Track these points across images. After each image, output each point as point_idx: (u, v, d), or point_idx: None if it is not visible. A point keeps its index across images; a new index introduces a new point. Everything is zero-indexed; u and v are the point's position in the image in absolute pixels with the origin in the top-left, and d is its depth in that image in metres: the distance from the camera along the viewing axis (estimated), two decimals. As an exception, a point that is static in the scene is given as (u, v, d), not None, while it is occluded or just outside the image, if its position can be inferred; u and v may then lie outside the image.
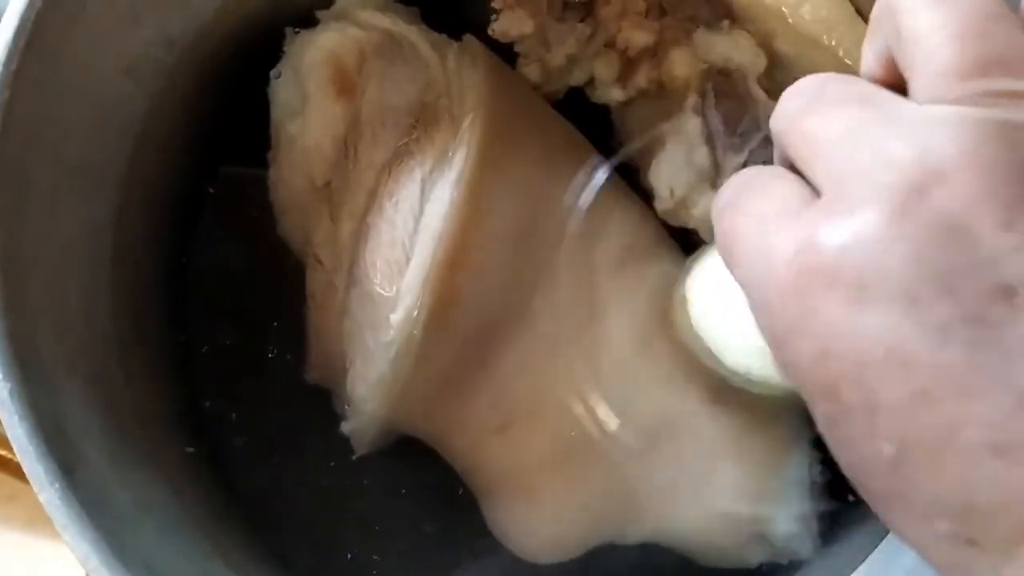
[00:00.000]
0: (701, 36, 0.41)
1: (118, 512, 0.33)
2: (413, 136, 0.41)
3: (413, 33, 0.43)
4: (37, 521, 0.51)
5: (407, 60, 0.42)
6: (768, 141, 0.41)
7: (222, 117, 0.46)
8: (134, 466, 0.36)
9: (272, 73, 0.43)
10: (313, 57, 0.42)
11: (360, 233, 0.41)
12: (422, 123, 0.41)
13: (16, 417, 0.31)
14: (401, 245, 0.39)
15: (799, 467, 0.42)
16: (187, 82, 0.43)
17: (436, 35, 0.43)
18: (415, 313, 0.38)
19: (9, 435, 0.31)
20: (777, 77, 0.42)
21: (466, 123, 0.40)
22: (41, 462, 0.31)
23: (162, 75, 0.42)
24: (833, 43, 0.39)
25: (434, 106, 0.41)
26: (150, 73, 0.41)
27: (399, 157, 0.41)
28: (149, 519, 0.35)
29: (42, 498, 0.31)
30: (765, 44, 0.41)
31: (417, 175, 0.40)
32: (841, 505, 0.43)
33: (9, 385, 0.32)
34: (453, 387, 0.41)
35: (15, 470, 0.48)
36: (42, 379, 0.33)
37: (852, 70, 0.39)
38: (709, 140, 0.41)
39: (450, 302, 0.39)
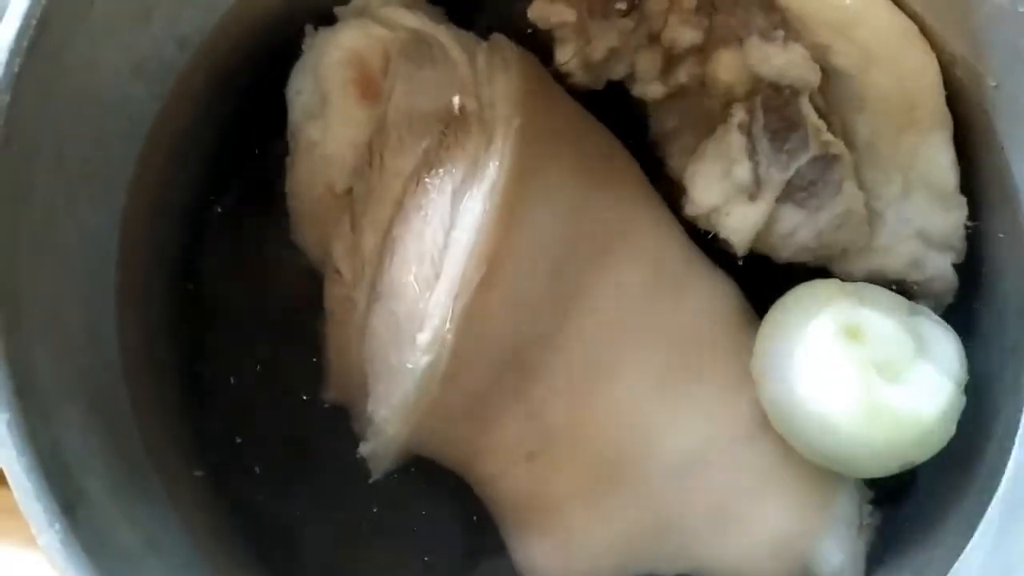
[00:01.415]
0: (755, 46, 0.39)
1: (123, 552, 0.31)
2: (443, 143, 0.38)
3: (441, 32, 0.40)
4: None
5: (435, 62, 0.40)
6: (816, 160, 0.39)
7: (237, 120, 0.44)
8: (140, 499, 0.34)
9: (291, 74, 0.40)
10: (334, 57, 0.40)
11: (384, 246, 0.38)
12: (452, 129, 0.39)
13: (15, 452, 0.29)
14: (430, 260, 0.37)
15: (848, 504, 0.40)
16: (199, 83, 0.41)
17: (464, 34, 0.41)
18: (444, 333, 0.36)
19: (7, 472, 0.29)
20: (831, 94, 0.39)
21: (499, 131, 0.37)
22: (40, 500, 0.29)
23: (172, 76, 0.39)
24: (894, 61, 0.37)
25: (464, 111, 0.39)
26: (160, 74, 0.39)
27: (428, 165, 0.38)
28: (157, 558, 0.33)
29: (41, 542, 0.28)
30: (820, 59, 0.38)
31: (447, 185, 0.37)
32: (890, 549, 0.41)
33: (7, 416, 0.29)
34: (481, 411, 0.39)
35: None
36: (40, 407, 0.30)
37: (913, 90, 0.37)
38: (753, 155, 0.39)
39: (482, 322, 0.36)
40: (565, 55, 0.41)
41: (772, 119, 0.39)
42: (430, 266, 0.37)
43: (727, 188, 0.40)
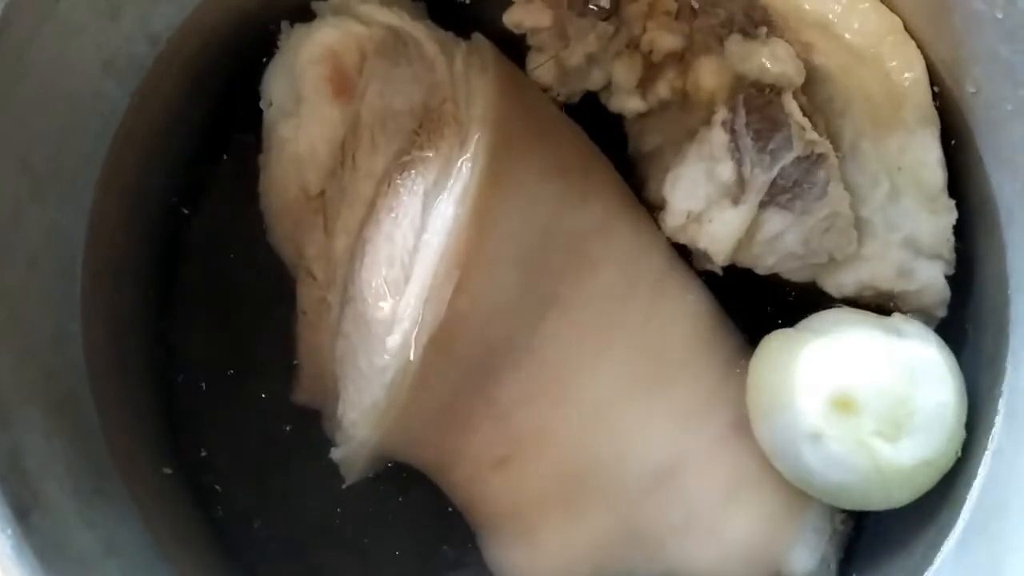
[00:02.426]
0: (736, 44, 0.38)
1: (80, 557, 0.30)
2: (416, 144, 0.38)
3: (419, 30, 0.40)
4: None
5: (411, 60, 0.39)
6: (800, 160, 0.38)
7: (210, 118, 0.43)
8: (102, 502, 0.34)
9: (266, 71, 0.40)
10: (309, 54, 0.39)
11: (356, 248, 0.38)
12: (425, 130, 0.38)
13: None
14: (400, 263, 0.37)
15: (820, 511, 0.40)
16: (171, 80, 0.40)
17: (443, 33, 0.40)
18: (413, 336, 0.36)
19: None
20: (815, 94, 0.39)
21: (473, 133, 0.37)
22: (-7, 508, 0.28)
23: (143, 72, 0.39)
24: (880, 58, 0.37)
25: (439, 112, 0.38)
26: (131, 70, 0.38)
27: (400, 167, 0.38)
28: (116, 561, 0.32)
29: (-8, 547, 0.28)
30: (803, 57, 0.38)
31: (419, 188, 0.37)
32: (863, 557, 0.41)
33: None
34: (451, 416, 0.38)
35: None
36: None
37: (899, 88, 0.37)
38: (736, 155, 0.38)
39: (451, 326, 0.36)
40: (536, 63, 0.41)
41: (755, 118, 0.38)
42: (400, 269, 0.37)
43: (709, 192, 0.39)
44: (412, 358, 0.36)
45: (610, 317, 0.39)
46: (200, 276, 0.44)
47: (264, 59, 0.40)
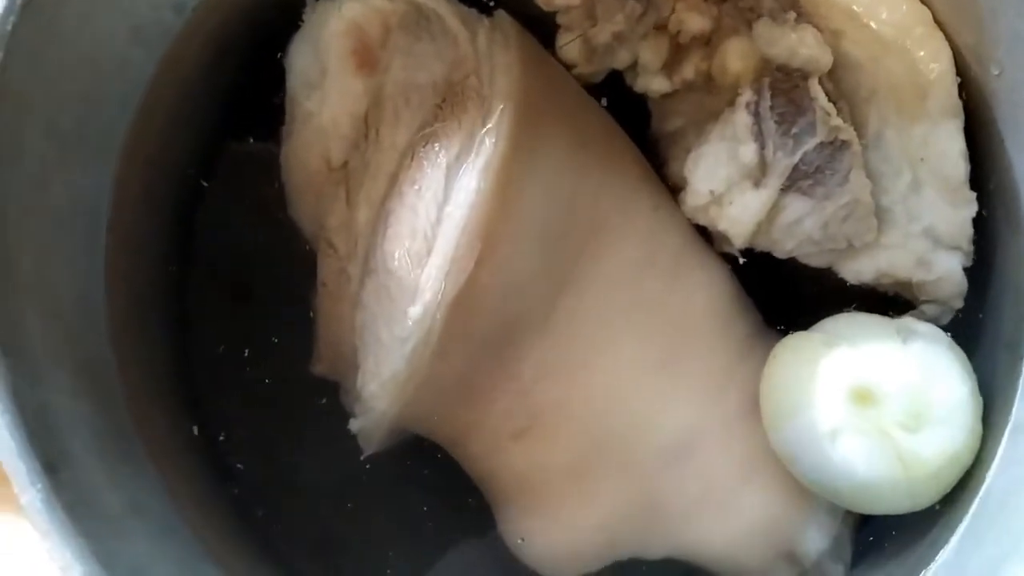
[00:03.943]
0: (764, 27, 0.38)
1: (106, 515, 0.31)
2: (439, 118, 0.38)
3: (442, 6, 0.40)
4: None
5: (434, 35, 0.39)
6: (824, 146, 0.38)
7: (235, 89, 0.43)
8: (125, 463, 0.34)
9: (290, 44, 0.40)
10: (334, 28, 0.39)
11: (378, 220, 0.38)
12: (448, 104, 0.38)
13: (-1, 408, 0.28)
14: (423, 235, 0.37)
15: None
16: (198, 50, 0.40)
17: (466, 9, 0.40)
18: (435, 308, 0.36)
19: (-13, 427, 0.28)
20: (842, 81, 0.39)
21: (496, 107, 0.37)
22: (23, 459, 0.28)
23: (170, 40, 0.39)
24: (909, 49, 0.37)
25: (462, 86, 0.38)
26: (158, 38, 0.38)
27: (423, 140, 0.38)
28: (139, 522, 0.33)
29: (23, 500, 0.28)
30: (831, 44, 0.38)
31: (442, 160, 0.37)
32: (875, 539, 0.41)
33: (-8, 375, 0.29)
34: (470, 388, 0.38)
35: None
36: (27, 367, 0.30)
37: (926, 79, 0.37)
38: (759, 138, 0.38)
39: (472, 298, 0.36)
40: (565, 41, 0.41)
41: (780, 101, 0.38)
42: (423, 241, 0.37)
43: (731, 173, 0.39)
44: (433, 329, 0.36)
45: (629, 292, 0.39)
46: (220, 248, 0.44)
47: (288, 31, 0.40)
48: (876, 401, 0.36)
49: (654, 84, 0.41)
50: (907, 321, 0.39)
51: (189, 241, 0.43)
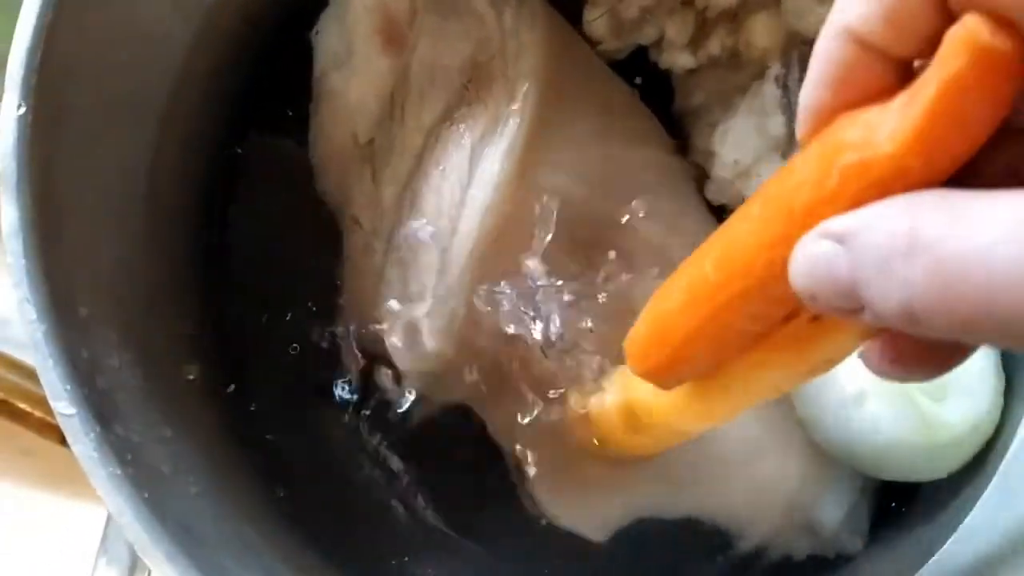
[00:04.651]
0: (793, 1, 0.38)
1: (154, 468, 0.31)
2: (464, 99, 0.38)
3: None
4: (54, 477, 0.50)
5: (461, 15, 0.40)
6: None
7: (267, 61, 0.44)
8: (167, 424, 0.34)
9: (317, 22, 0.41)
10: (361, 5, 0.40)
11: (403, 198, 0.39)
12: (474, 84, 0.39)
13: (50, 361, 0.29)
14: (447, 216, 0.37)
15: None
16: (230, 22, 0.41)
17: None
18: (458, 289, 0.37)
19: (43, 380, 0.29)
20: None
21: (521, 89, 0.37)
22: (76, 409, 0.29)
23: (205, 11, 0.39)
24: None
25: (487, 67, 0.39)
26: (195, 7, 0.39)
27: (448, 120, 0.38)
28: (182, 479, 0.33)
29: (76, 450, 0.29)
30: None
31: (467, 142, 0.38)
32: (891, 511, 0.42)
33: (44, 327, 0.29)
34: (497, 369, 0.39)
35: (35, 424, 0.46)
36: (78, 326, 0.31)
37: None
38: (787, 110, 0.39)
39: (494, 279, 0.37)
40: (593, 16, 0.41)
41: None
42: (447, 221, 0.37)
43: (758, 145, 0.40)
44: (456, 312, 0.37)
45: (652, 272, 0.39)
46: (252, 216, 0.44)
47: (318, 6, 0.41)
48: None
49: (680, 60, 0.41)
50: None
51: (223, 209, 0.44)
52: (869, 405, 0.37)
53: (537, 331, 0.37)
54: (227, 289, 0.43)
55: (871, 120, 0.18)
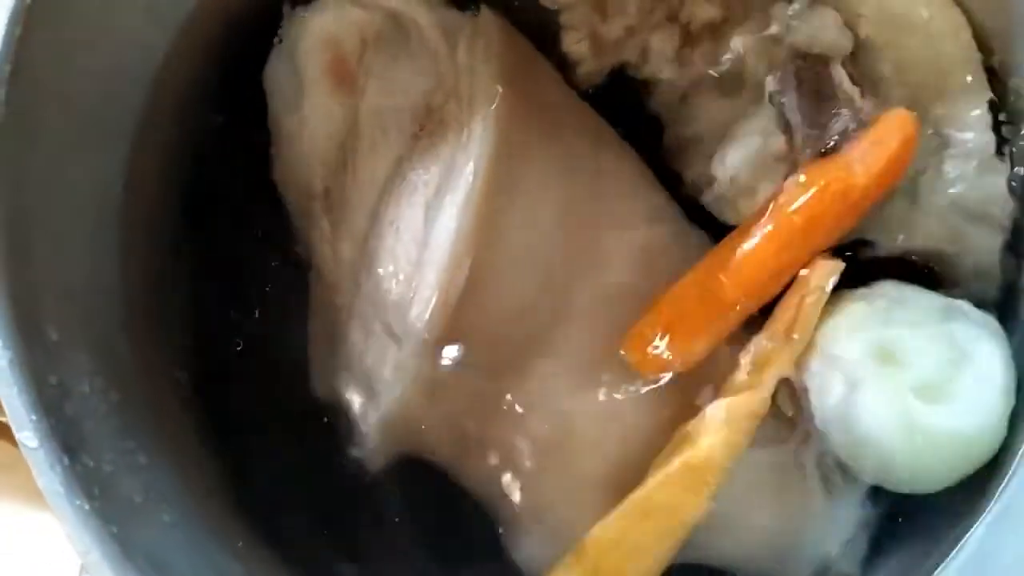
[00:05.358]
0: (781, 11, 0.37)
1: (123, 500, 0.30)
2: (417, 149, 0.37)
3: (421, 15, 0.38)
4: (35, 492, 0.49)
5: (412, 53, 0.38)
6: (850, 130, 0.38)
7: (244, 71, 0.42)
8: (140, 450, 0.34)
9: (267, 62, 0.40)
10: (309, 43, 0.38)
11: (361, 258, 0.38)
12: (427, 132, 0.37)
13: (15, 389, 0.28)
14: (405, 278, 0.36)
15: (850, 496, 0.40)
16: (207, 30, 0.39)
17: (449, 13, 0.38)
18: (419, 352, 0.36)
19: (6, 408, 0.28)
20: (862, 63, 0.38)
21: (476, 134, 0.35)
22: (40, 441, 0.28)
23: (181, 20, 0.38)
24: (927, 29, 0.37)
25: (440, 112, 0.37)
26: (171, 17, 0.38)
27: (401, 174, 0.37)
28: (155, 509, 0.32)
29: (41, 484, 0.28)
30: (850, 26, 0.37)
31: (420, 199, 0.36)
32: (887, 530, 0.41)
33: (9, 354, 0.28)
34: (469, 419, 0.38)
35: (13, 437, 0.45)
36: (45, 349, 0.30)
37: (946, 57, 0.37)
38: (785, 127, 0.38)
39: (459, 339, 0.36)
40: (573, 40, 0.39)
41: (804, 89, 0.38)
42: (405, 284, 0.36)
43: (759, 164, 0.39)
44: (421, 372, 0.36)
45: (625, 311, 0.38)
46: (230, 232, 0.43)
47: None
48: (897, 364, 0.36)
49: (665, 72, 0.40)
50: (960, 304, 0.38)
51: (199, 224, 0.42)
52: (859, 394, 0.36)
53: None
54: (205, 305, 0.42)
55: None
